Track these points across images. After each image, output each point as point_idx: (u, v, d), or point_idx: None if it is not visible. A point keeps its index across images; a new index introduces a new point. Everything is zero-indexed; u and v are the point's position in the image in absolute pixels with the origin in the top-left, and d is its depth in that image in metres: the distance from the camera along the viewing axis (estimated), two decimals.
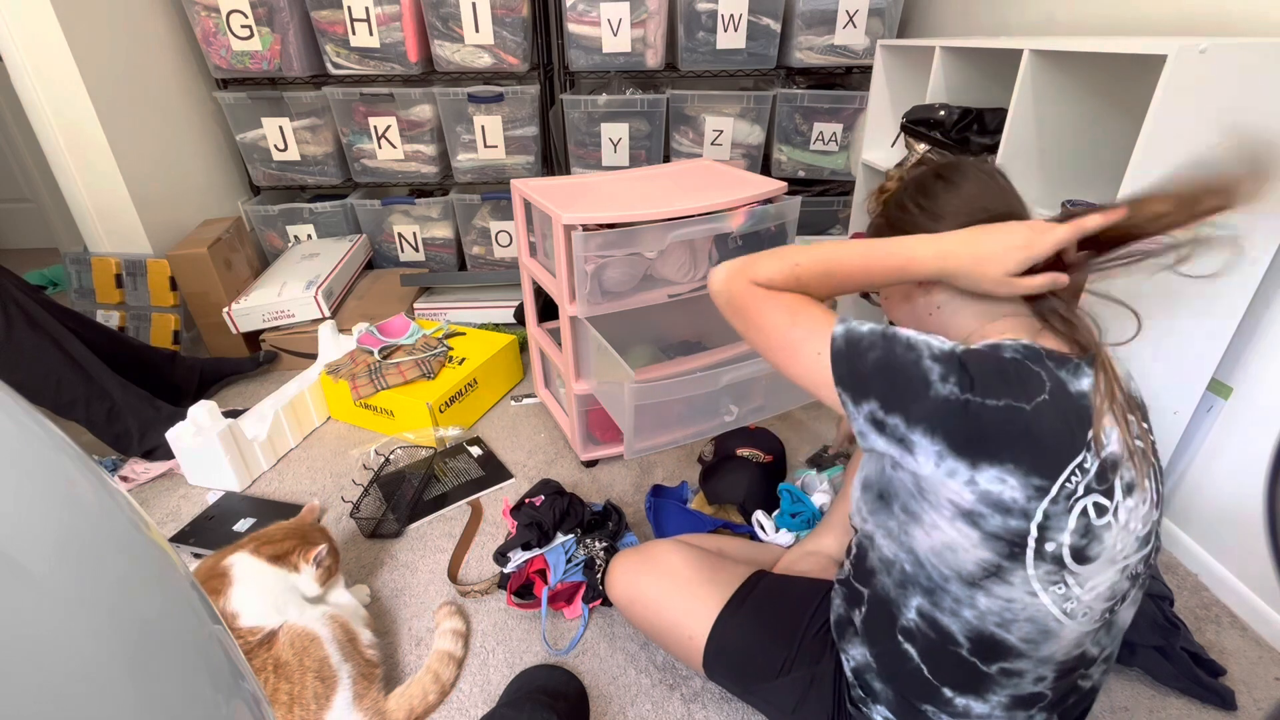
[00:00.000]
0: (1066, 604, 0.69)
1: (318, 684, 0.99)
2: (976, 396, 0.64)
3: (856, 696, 0.83)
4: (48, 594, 0.22)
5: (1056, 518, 0.65)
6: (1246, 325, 1.19)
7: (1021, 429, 0.64)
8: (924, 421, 0.66)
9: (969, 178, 0.78)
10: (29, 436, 0.25)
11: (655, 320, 1.75)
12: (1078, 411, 0.66)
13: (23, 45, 1.81)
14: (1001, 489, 0.65)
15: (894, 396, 0.67)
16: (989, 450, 0.64)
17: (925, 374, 0.66)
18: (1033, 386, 0.65)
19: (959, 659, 0.72)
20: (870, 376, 0.68)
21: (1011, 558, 0.66)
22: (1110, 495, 0.67)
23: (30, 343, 1.48)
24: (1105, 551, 0.68)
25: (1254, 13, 1.13)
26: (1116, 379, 0.69)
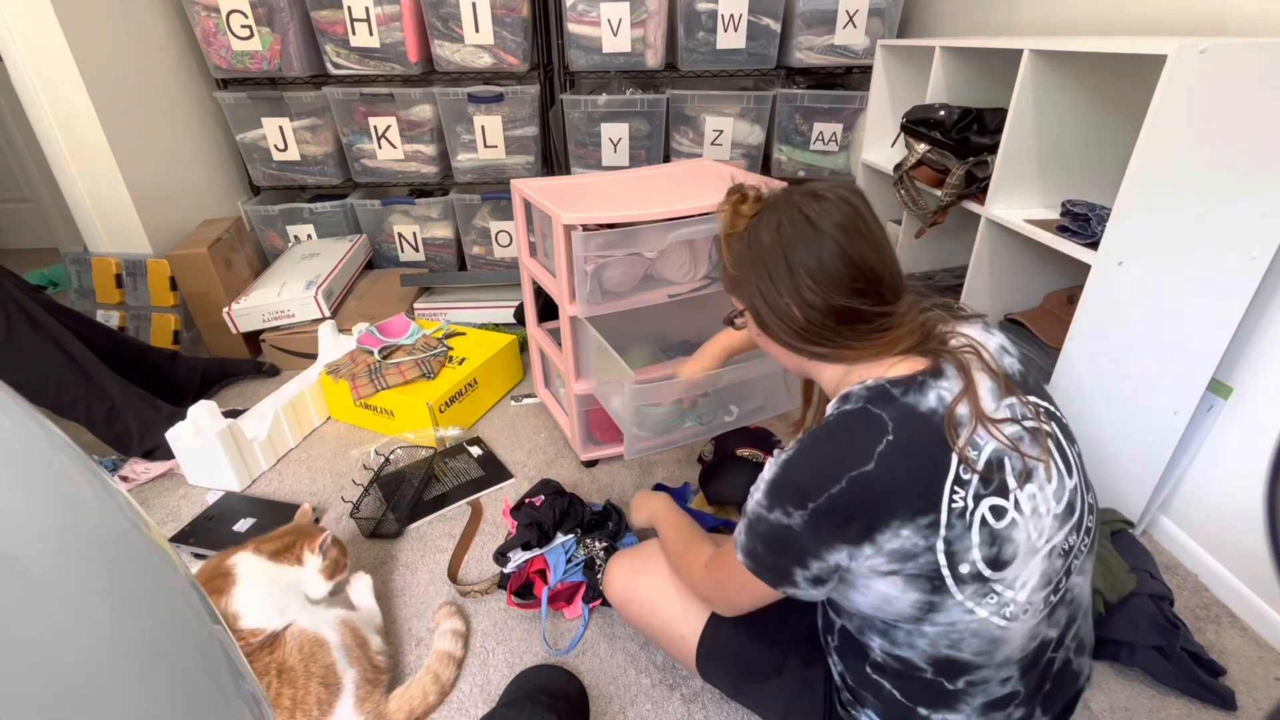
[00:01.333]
0: (1004, 610, 0.69)
1: (321, 690, 0.99)
2: (815, 500, 0.68)
3: (845, 700, 0.84)
4: (47, 594, 0.22)
5: (958, 540, 0.66)
6: (1246, 325, 1.19)
7: (879, 487, 0.66)
8: (821, 547, 0.69)
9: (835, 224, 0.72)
10: (29, 436, 0.25)
11: (655, 320, 1.75)
12: (932, 433, 0.67)
13: (23, 45, 1.81)
14: (901, 542, 0.67)
15: (794, 556, 0.71)
16: (871, 522, 0.67)
17: (779, 522, 0.71)
18: (872, 437, 0.67)
19: (926, 682, 0.74)
20: (775, 561, 0.74)
21: (936, 591, 0.68)
22: (1004, 493, 0.68)
23: (31, 343, 1.48)
24: (1020, 548, 0.68)
25: (1254, 13, 1.13)
26: (973, 380, 0.69)
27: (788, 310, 0.75)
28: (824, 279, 0.72)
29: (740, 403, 1.37)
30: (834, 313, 0.73)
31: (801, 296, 0.74)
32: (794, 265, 0.73)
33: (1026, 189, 1.35)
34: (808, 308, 0.74)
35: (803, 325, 0.75)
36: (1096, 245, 1.10)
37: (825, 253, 0.72)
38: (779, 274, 0.75)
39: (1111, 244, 1.08)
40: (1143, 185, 1.04)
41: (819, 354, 0.77)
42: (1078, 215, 1.17)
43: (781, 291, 0.75)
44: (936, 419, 0.68)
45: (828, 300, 0.73)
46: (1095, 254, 1.10)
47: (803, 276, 0.73)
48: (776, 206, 0.76)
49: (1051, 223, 1.24)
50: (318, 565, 1.12)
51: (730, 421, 1.39)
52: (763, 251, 0.76)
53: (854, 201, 0.75)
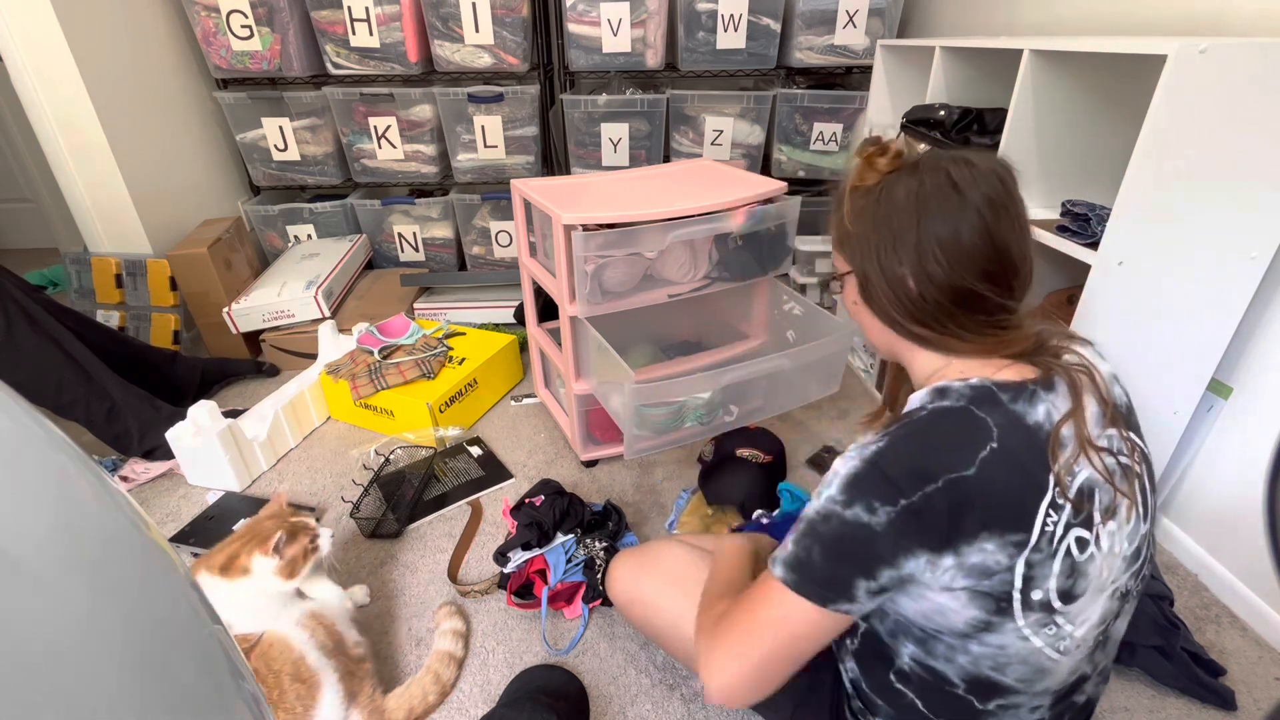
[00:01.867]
0: (1060, 643, 0.66)
1: (298, 686, 0.96)
2: (908, 498, 0.60)
3: (856, 708, 0.82)
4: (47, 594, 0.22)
5: (1040, 565, 0.62)
6: (1246, 325, 1.19)
7: (978, 495, 0.60)
8: (899, 552, 0.62)
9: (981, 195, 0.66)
10: (29, 436, 0.25)
11: (655, 320, 1.75)
12: (1033, 446, 0.62)
13: (23, 45, 1.81)
14: (984, 557, 0.61)
15: (864, 563, 0.63)
16: (959, 532, 0.61)
17: (857, 520, 0.62)
18: (975, 440, 0.61)
19: (955, 698, 0.70)
20: (832, 571, 0.64)
21: (1000, 613, 0.63)
22: (1089, 526, 0.64)
23: (30, 343, 1.48)
24: (1091, 584, 0.65)
25: (1254, 13, 1.13)
26: (1081, 400, 0.64)
27: (902, 280, 0.68)
28: (956, 253, 0.65)
29: (740, 403, 1.38)
30: (955, 294, 0.66)
31: (924, 268, 0.66)
32: (925, 232, 0.66)
33: (1026, 189, 1.32)
34: (927, 281, 0.67)
35: (914, 300, 0.68)
36: (1096, 245, 1.10)
37: (965, 225, 0.65)
38: (905, 239, 0.67)
39: (1111, 244, 1.08)
40: (1143, 185, 1.04)
41: (921, 337, 0.70)
42: (1078, 215, 1.17)
43: (902, 258, 0.67)
44: (1042, 435, 0.63)
45: (952, 278, 0.66)
46: (1095, 254, 1.10)
47: (932, 245, 0.66)
48: (920, 166, 0.69)
49: (1051, 223, 1.24)
50: (270, 568, 1.03)
51: (730, 421, 1.39)
52: (893, 211, 0.68)
53: (1006, 177, 0.68)
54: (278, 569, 1.03)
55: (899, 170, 0.70)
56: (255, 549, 1.04)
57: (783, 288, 1.57)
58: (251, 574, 1.02)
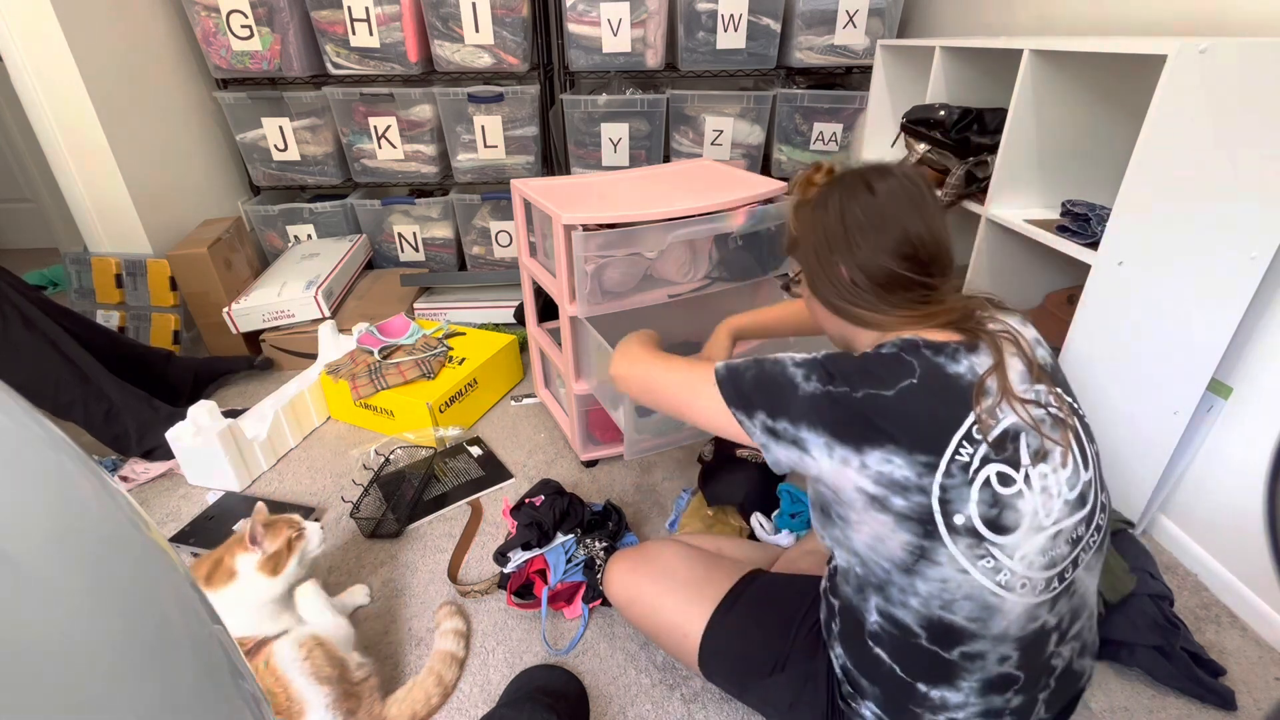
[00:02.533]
0: (999, 575, 0.71)
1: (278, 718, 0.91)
2: (838, 387, 0.73)
3: (846, 693, 0.84)
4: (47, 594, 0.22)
5: (956, 489, 0.69)
6: (1246, 325, 1.19)
7: (889, 412, 0.70)
8: (804, 418, 0.74)
9: (893, 195, 0.79)
10: (29, 436, 0.25)
11: (655, 320, 1.74)
12: (955, 390, 0.71)
13: (23, 45, 1.81)
14: (891, 469, 0.70)
15: (774, 402, 0.77)
16: (867, 435, 0.71)
17: (791, 378, 0.76)
18: (899, 374, 0.72)
19: (921, 649, 0.75)
20: (751, 392, 0.79)
21: (928, 536, 0.70)
22: (1015, 464, 0.70)
23: (27, 344, 1.48)
24: (1024, 519, 0.70)
25: (1254, 13, 1.13)
26: (1004, 359, 0.73)
27: (836, 270, 0.80)
28: (874, 240, 0.77)
29: None
30: (879, 275, 0.78)
31: (852, 256, 0.79)
32: (849, 225, 0.79)
33: (1026, 189, 1.35)
34: (855, 268, 0.79)
35: (848, 286, 0.80)
36: (1096, 245, 1.10)
37: (879, 217, 0.78)
38: (835, 235, 0.80)
39: (1111, 244, 1.08)
40: (1143, 185, 1.04)
41: (859, 317, 0.81)
42: (1078, 215, 1.17)
43: (834, 249, 0.80)
44: (963, 382, 0.72)
45: (875, 261, 0.77)
46: (1095, 254, 1.10)
47: (855, 235, 0.78)
48: (844, 178, 0.82)
49: (1051, 223, 1.24)
50: (254, 564, 0.99)
51: None
52: (824, 214, 0.81)
53: (916, 179, 0.80)
54: (260, 564, 1.00)
55: (830, 184, 0.83)
56: (237, 550, 1.01)
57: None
58: (238, 576, 0.99)
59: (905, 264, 0.77)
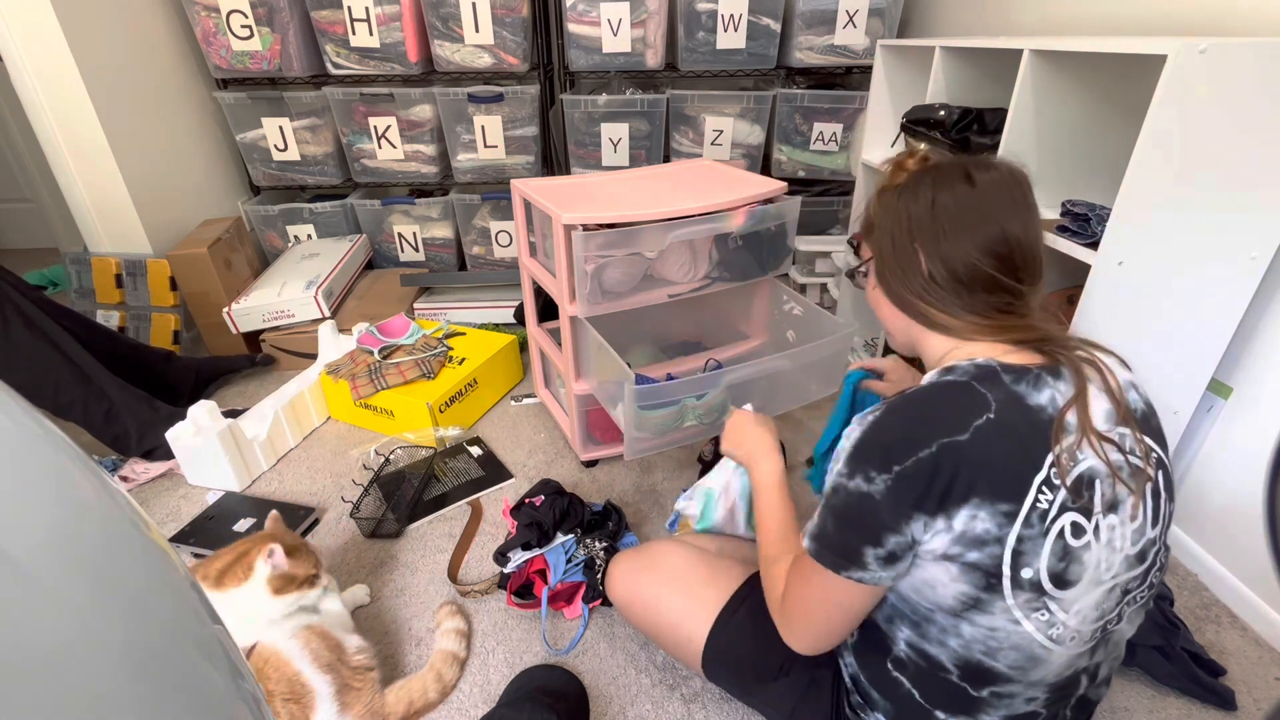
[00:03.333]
0: (1052, 630, 0.67)
1: (293, 706, 0.92)
2: (902, 462, 0.64)
3: (855, 702, 0.82)
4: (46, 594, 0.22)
5: (1031, 541, 0.64)
6: (1246, 325, 1.19)
7: (969, 459, 0.63)
8: (899, 518, 0.65)
9: (995, 189, 0.71)
10: (29, 436, 0.25)
11: (655, 320, 1.75)
12: (1033, 424, 0.64)
13: (23, 45, 1.81)
14: (974, 524, 0.64)
15: (870, 531, 0.67)
16: (952, 493, 0.63)
17: (857, 491, 0.67)
18: (971, 410, 0.64)
19: (949, 684, 0.71)
20: (845, 541, 0.69)
21: (989, 589, 0.65)
22: (1088, 514, 0.65)
23: (28, 344, 1.48)
24: (1087, 573, 0.66)
25: (1254, 13, 1.13)
26: (1087, 389, 0.66)
27: (913, 258, 0.73)
28: (965, 233, 0.70)
29: (740, 403, 1.37)
30: (962, 270, 0.70)
31: (936, 246, 0.71)
32: (939, 214, 0.72)
33: None
34: (936, 260, 0.72)
35: (923, 278, 0.73)
36: (1096, 245, 1.10)
37: (974, 209, 0.71)
38: (920, 220, 0.73)
39: (1111, 244, 1.08)
40: (1143, 185, 1.04)
41: (929, 317, 0.74)
42: (1078, 215, 1.17)
43: (915, 235, 0.73)
44: (1044, 416, 0.65)
45: (960, 255, 0.70)
46: (1095, 254, 1.10)
47: (943, 224, 0.71)
48: (942, 166, 0.75)
49: (1051, 223, 1.24)
50: (265, 575, 1.01)
51: None
52: (911, 199, 0.74)
53: (1020, 177, 0.73)
54: (268, 579, 1.01)
55: (924, 170, 0.76)
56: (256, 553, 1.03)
57: (783, 288, 1.57)
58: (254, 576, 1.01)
59: (994, 263, 0.70)
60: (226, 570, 1.02)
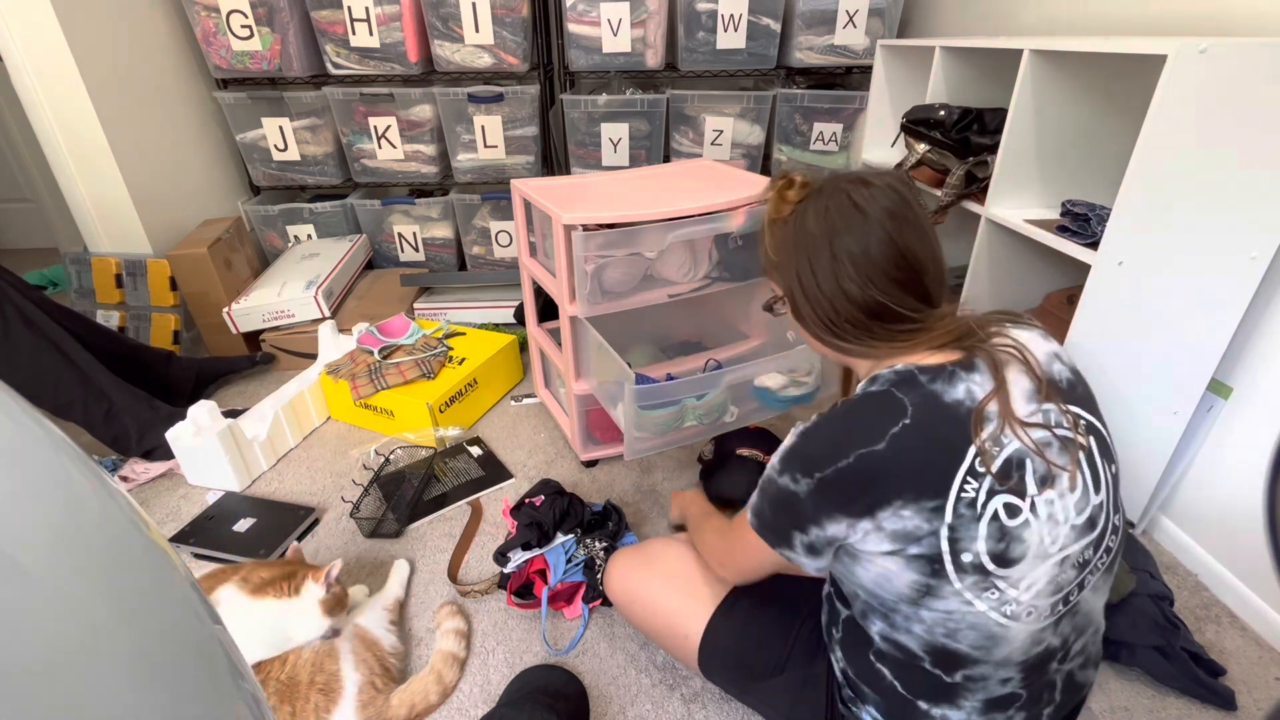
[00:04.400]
0: (1005, 607, 0.69)
1: (320, 698, 0.99)
2: (823, 470, 0.69)
3: (847, 696, 0.83)
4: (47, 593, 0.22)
5: (964, 528, 0.66)
6: (1246, 325, 1.19)
7: (886, 466, 0.67)
8: (819, 515, 0.71)
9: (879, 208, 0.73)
10: (29, 436, 0.25)
11: (655, 320, 1.75)
12: (952, 420, 0.67)
13: (23, 45, 1.81)
14: (903, 523, 0.67)
15: (794, 520, 0.74)
16: (874, 499, 0.67)
17: (786, 488, 0.73)
18: (888, 418, 0.67)
19: (924, 672, 0.73)
20: (776, 523, 0.77)
21: (935, 575, 0.68)
22: (1021, 494, 0.67)
23: (27, 344, 1.48)
24: (1030, 549, 0.68)
25: (1254, 13, 1.13)
26: (1006, 379, 0.68)
27: (822, 301, 0.76)
28: (867, 266, 0.72)
29: (740, 403, 1.37)
30: (869, 307, 0.73)
31: (840, 286, 0.74)
32: (838, 251, 0.73)
33: (1026, 189, 1.35)
34: (844, 299, 0.74)
35: (832, 318, 0.76)
36: (1096, 245, 1.10)
37: (872, 239, 0.72)
38: (821, 261, 0.75)
39: (1111, 244, 1.08)
40: (1143, 185, 1.04)
41: (848, 352, 0.78)
42: (1078, 215, 1.17)
43: (821, 280, 0.75)
44: (962, 410, 0.67)
45: (866, 291, 0.73)
46: (1095, 254, 1.10)
47: (845, 264, 0.73)
48: (824, 192, 0.76)
49: (1051, 223, 1.24)
50: (319, 595, 1.05)
51: (730, 422, 1.39)
52: (807, 237, 0.76)
53: (902, 190, 0.75)
54: (322, 600, 1.05)
55: (807, 199, 0.78)
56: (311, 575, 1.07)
57: None
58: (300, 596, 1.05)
59: (901, 290, 0.73)
60: (271, 583, 1.05)
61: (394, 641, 1.13)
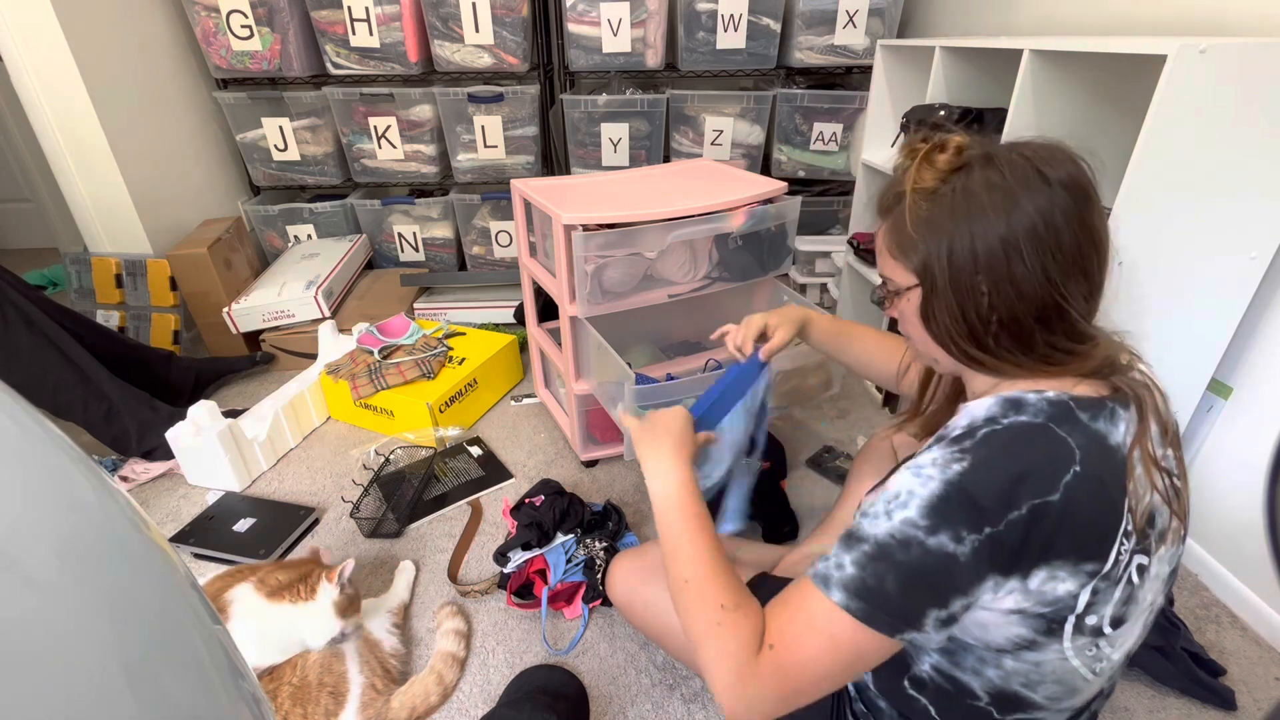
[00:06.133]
0: (1097, 664, 0.63)
1: (330, 700, 0.99)
2: (994, 526, 0.55)
3: (859, 710, 0.80)
4: (47, 593, 0.22)
5: (1104, 592, 0.58)
6: (1246, 325, 1.19)
7: (1060, 522, 0.55)
8: (972, 582, 0.57)
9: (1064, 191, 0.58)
10: (29, 436, 0.25)
11: (655, 320, 1.75)
12: (1114, 469, 0.57)
13: (23, 45, 1.81)
14: (1054, 585, 0.57)
15: (938, 593, 0.57)
16: (1033, 559, 0.56)
17: (942, 549, 0.56)
18: (1059, 463, 0.56)
19: (974, 709, 0.66)
20: (910, 603, 0.57)
21: (1048, 634, 0.59)
22: (1149, 552, 0.60)
23: (28, 344, 1.48)
24: (1139, 609, 0.62)
25: (1254, 13, 1.13)
26: (1148, 420, 0.59)
27: (974, 292, 0.60)
28: (1052, 246, 0.57)
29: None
30: (1040, 305, 0.59)
31: (1010, 270, 0.58)
32: (1014, 226, 0.57)
33: None
34: (1010, 288, 0.58)
35: (985, 323, 0.60)
36: None
37: (1058, 211, 0.57)
38: (989, 236, 0.58)
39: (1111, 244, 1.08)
40: (1142, 185, 1.04)
41: (985, 365, 0.63)
42: None
43: (982, 260, 0.59)
44: (1119, 456, 0.58)
45: (1042, 280, 0.58)
46: None
47: (1018, 240, 0.57)
48: (995, 158, 0.60)
49: None
50: (332, 597, 1.04)
51: None
52: (973, 206, 0.59)
53: (1081, 162, 0.61)
54: (335, 601, 1.04)
55: (968, 166, 0.61)
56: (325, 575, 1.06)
57: (783, 288, 1.57)
58: (316, 599, 1.04)
59: (1081, 282, 0.59)
60: (288, 587, 1.05)
61: (395, 644, 1.13)
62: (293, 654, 1.03)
